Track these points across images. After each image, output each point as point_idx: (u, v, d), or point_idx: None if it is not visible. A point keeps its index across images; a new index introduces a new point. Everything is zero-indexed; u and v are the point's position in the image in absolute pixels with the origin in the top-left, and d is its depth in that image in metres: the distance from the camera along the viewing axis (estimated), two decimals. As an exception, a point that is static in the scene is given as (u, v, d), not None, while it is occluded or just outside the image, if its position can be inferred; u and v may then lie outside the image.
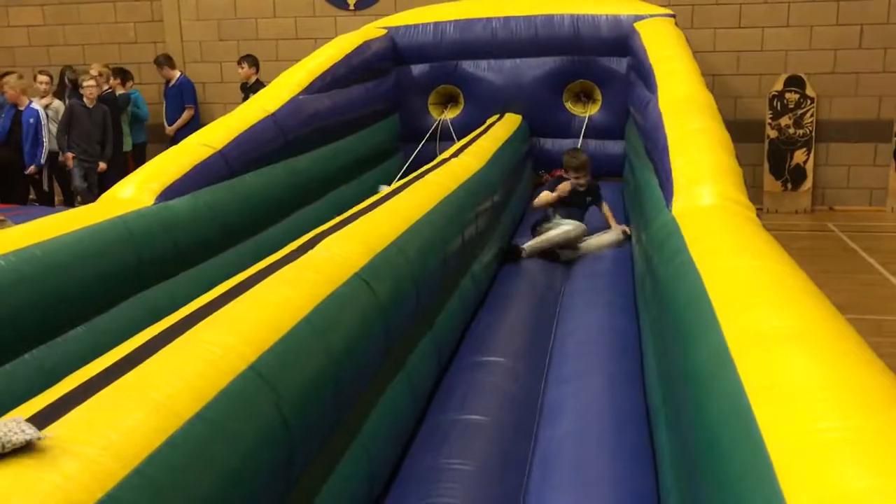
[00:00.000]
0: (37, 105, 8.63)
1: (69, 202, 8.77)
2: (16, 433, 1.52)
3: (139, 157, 9.56)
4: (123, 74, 9.95)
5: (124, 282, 3.79)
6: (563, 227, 6.14)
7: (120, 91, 9.57)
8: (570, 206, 6.39)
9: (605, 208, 6.65)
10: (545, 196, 6.32)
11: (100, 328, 3.53)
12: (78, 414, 1.61)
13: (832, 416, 1.52)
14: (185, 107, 9.98)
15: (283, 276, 2.50)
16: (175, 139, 9.62)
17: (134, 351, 1.90)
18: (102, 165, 8.67)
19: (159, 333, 2.03)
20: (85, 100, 8.56)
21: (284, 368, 2.11)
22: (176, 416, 1.69)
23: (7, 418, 1.57)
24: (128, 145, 9.54)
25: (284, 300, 2.32)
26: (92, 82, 8.55)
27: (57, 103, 8.99)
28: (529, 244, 6.01)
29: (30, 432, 1.53)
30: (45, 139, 8.66)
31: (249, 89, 9.18)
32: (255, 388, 1.97)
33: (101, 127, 8.60)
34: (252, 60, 9.53)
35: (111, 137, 8.75)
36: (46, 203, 8.94)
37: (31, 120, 8.57)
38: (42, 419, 1.58)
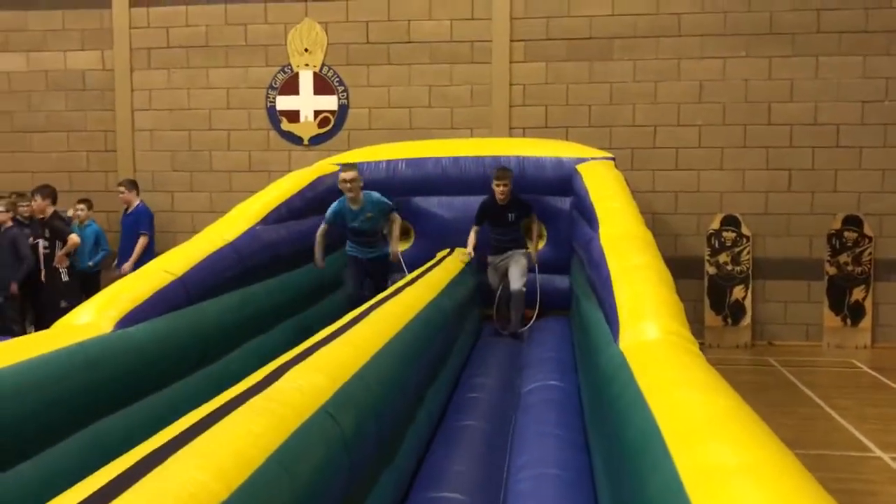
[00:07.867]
0: None
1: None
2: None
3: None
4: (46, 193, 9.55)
5: (78, 412, 3.72)
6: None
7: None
8: (496, 227, 7.79)
9: (535, 227, 8.06)
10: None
11: (47, 463, 3.43)
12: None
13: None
14: (140, 234, 9.66)
15: (251, 407, 2.50)
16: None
17: (108, 484, 1.90)
18: (13, 287, 8.61)
19: (132, 465, 2.03)
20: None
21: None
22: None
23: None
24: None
25: (254, 434, 2.31)
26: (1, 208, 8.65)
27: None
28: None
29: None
30: None
31: (45, 223, 8.94)
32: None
33: (9, 251, 8.60)
34: (47, 192, 9.01)
35: (22, 261, 8.61)
36: None
37: None
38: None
